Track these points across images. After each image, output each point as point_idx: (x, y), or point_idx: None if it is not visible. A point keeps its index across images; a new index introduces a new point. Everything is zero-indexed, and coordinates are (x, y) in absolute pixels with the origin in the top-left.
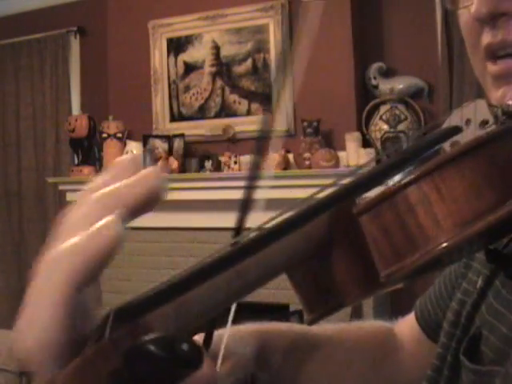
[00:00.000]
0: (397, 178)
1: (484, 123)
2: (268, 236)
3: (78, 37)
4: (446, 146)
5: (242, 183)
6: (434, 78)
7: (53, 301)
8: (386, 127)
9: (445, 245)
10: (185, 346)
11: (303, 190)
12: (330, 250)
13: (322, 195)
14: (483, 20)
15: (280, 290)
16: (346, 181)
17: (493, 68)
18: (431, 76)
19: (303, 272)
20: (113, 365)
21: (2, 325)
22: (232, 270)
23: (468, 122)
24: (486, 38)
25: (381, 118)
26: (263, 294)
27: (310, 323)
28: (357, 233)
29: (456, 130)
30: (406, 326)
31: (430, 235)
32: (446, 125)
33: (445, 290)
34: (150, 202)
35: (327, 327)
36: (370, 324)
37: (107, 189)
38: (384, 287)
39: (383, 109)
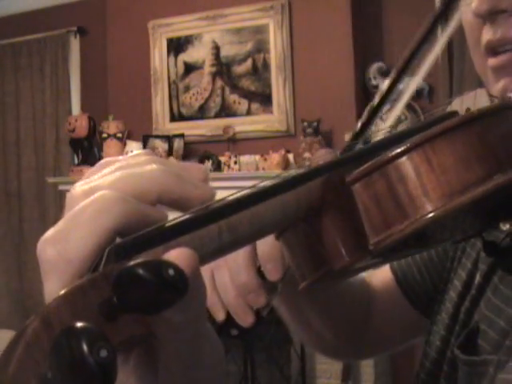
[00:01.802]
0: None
1: None
2: (261, 193)
3: (77, 37)
4: None
5: (242, 183)
6: (434, 77)
7: (94, 230)
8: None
9: (433, 214)
10: (171, 271)
11: None
12: (322, 216)
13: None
14: (483, 16)
15: None
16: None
17: (493, 61)
18: (431, 76)
19: (296, 237)
20: (103, 295)
21: (2, 325)
22: (224, 222)
23: (468, 110)
24: (487, 34)
25: (381, 118)
26: None
27: (303, 291)
28: (349, 200)
29: (453, 115)
30: (377, 280)
31: (418, 204)
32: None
33: (436, 256)
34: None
35: None
36: (355, 279)
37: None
38: (372, 255)
39: (383, 109)
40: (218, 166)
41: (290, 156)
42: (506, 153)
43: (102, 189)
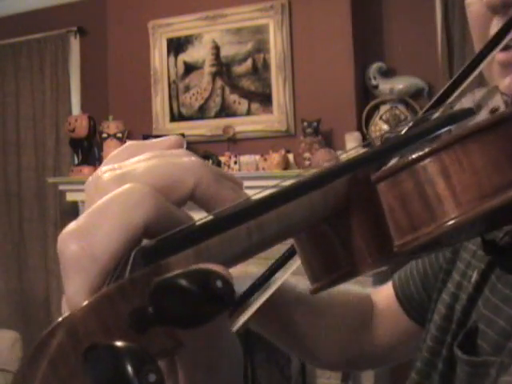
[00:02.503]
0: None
1: (494, 110)
2: (290, 191)
3: (77, 37)
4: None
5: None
6: (434, 78)
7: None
8: (385, 127)
9: (461, 217)
10: (219, 283)
11: None
12: (346, 215)
13: (343, 159)
14: (495, 8)
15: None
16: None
17: (501, 55)
18: (431, 76)
19: (312, 237)
20: (133, 303)
21: (2, 325)
22: (254, 222)
23: (479, 107)
24: (497, 27)
25: (381, 117)
26: None
27: (314, 292)
28: (374, 200)
29: (470, 112)
30: (382, 297)
31: (447, 207)
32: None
33: (430, 268)
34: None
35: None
36: (355, 291)
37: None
38: (396, 258)
39: (383, 109)
40: (218, 166)
41: (290, 156)
42: None
43: (134, 177)
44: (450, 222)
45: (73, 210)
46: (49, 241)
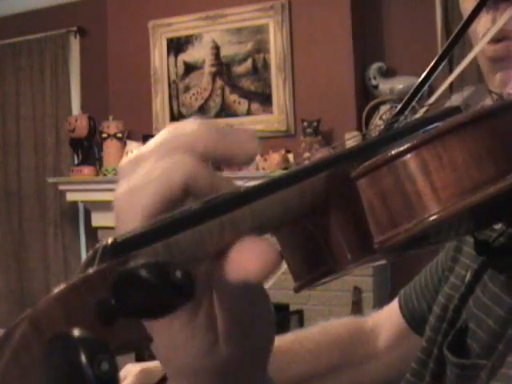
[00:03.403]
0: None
1: None
2: (264, 187)
3: (77, 37)
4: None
5: (241, 183)
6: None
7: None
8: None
9: (442, 213)
10: (178, 273)
11: None
12: (325, 212)
13: (321, 157)
14: (487, 4)
15: (280, 290)
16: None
17: (490, 48)
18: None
19: (294, 234)
20: (99, 294)
21: (2, 324)
22: (226, 217)
23: (467, 106)
24: (487, 22)
25: (381, 118)
26: None
27: (298, 290)
28: (353, 196)
29: (456, 109)
30: (386, 317)
31: (427, 203)
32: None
33: (431, 281)
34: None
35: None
36: (337, 322)
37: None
38: (376, 255)
39: (383, 109)
40: (218, 166)
41: (290, 156)
42: None
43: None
44: (431, 219)
45: (73, 210)
46: (49, 241)
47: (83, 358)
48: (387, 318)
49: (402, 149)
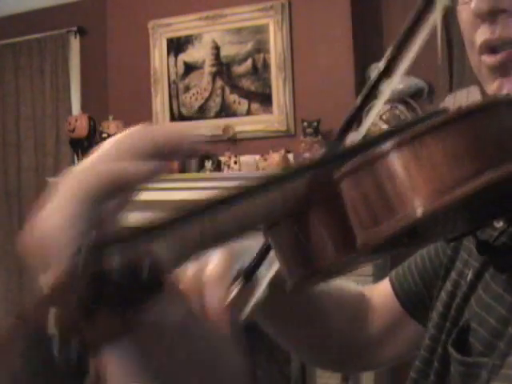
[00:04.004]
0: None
1: None
2: (245, 191)
3: (77, 37)
4: None
5: (241, 183)
6: (434, 78)
7: (72, 202)
8: (386, 127)
9: (421, 211)
10: (145, 272)
11: None
12: (309, 213)
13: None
14: (483, 16)
15: None
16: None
17: (490, 59)
18: (431, 76)
19: (284, 234)
20: (80, 291)
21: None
22: (208, 219)
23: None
24: (484, 33)
25: (381, 118)
26: None
27: (291, 289)
28: (336, 198)
29: (444, 111)
30: (378, 293)
31: (407, 201)
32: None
33: (430, 264)
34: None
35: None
36: (349, 288)
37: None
38: (360, 254)
39: (383, 109)
40: (217, 166)
41: (290, 156)
42: (496, 148)
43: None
44: (410, 216)
45: None
46: None
47: (55, 346)
48: (381, 296)
49: (382, 149)
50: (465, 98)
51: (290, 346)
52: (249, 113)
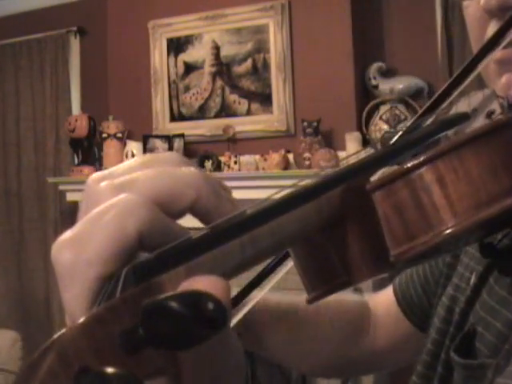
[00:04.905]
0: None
1: (490, 113)
2: (284, 204)
3: (77, 37)
4: (450, 134)
5: (242, 183)
6: (434, 77)
7: (116, 237)
8: (385, 127)
9: (458, 226)
10: (210, 305)
11: None
12: (341, 226)
13: (335, 170)
14: (492, 12)
15: (280, 290)
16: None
17: (499, 54)
18: (431, 76)
19: (308, 247)
20: (125, 323)
21: (2, 325)
22: (247, 236)
23: (474, 111)
24: (493, 29)
25: (381, 117)
26: None
27: (311, 302)
28: (369, 209)
29: (465, 116)
30: (382, 302)
31: (444, 215)
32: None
33: (431, 275)
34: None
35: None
36: (349, 299)
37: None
38: (393, 268)
39: (383, 109)
40: (217, 166)
41: (290, 156)
42: None
43: (132, 188)
44: (447, 232)
45: (73, 210)
46: (49, 241)
47: None
48: (385, 306)
49: (417, 161)
50: (479, 101)
51: (286, 362)
52: (249, 113)
